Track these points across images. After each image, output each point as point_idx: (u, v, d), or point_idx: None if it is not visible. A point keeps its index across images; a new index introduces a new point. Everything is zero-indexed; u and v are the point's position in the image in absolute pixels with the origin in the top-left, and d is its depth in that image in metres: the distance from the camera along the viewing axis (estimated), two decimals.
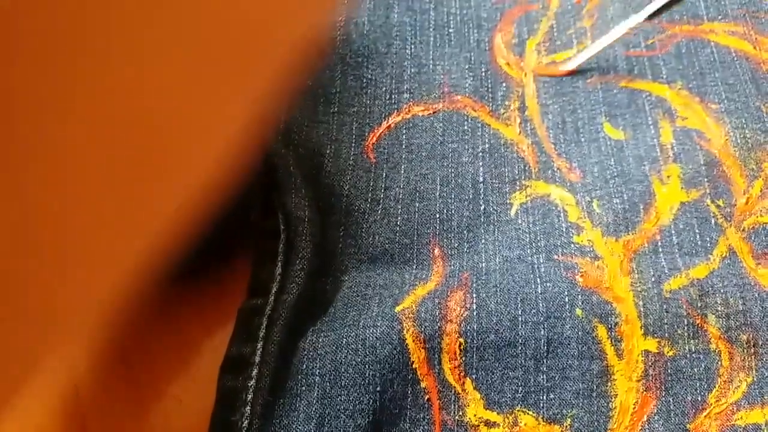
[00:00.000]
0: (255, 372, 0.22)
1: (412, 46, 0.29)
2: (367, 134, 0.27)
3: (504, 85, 0.29)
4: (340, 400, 0.22)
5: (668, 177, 0.26)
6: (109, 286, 0.10)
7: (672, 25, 0.30)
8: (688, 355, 0.23)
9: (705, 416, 0.22)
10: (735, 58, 0.29)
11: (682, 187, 0.26)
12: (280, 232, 0.24)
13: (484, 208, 0.26)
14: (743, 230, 0.25)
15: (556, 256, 0.24)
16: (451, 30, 0.30)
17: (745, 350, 0.23)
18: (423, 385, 0.22)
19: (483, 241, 0.25)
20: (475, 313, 0.23)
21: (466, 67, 0.29)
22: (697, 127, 0.27)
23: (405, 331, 0.23)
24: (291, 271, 0.24)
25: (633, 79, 0.29)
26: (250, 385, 0.22)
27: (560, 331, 0.23)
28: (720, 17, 0.30)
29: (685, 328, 0.23)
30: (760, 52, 0.29)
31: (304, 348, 0.23)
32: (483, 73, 0.29)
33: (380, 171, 0.27)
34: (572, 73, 0.28)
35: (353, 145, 0.27)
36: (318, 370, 0.22)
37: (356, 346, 0.22)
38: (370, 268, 0.25)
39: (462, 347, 0.23)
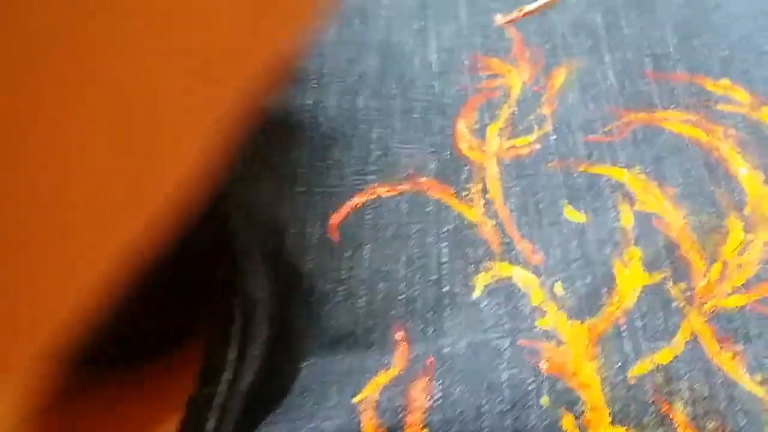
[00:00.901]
0: None
1: (379, 130, 0.30)
2: (331, 214, 0.27)
3: (467, 168, 0.29)
4: None
5: (630, 260, 0.26)
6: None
7: (628, 112, 0.31)
8: None
9: None
10: (689, 145, 0.30)
11: (644, 270, 0.26)
12: (235, 315, 0.24)
13: (448, 290, 0.26)
14: (705, 314, 0.25)
15: (520, 341, 0.24)
16: (416, 116, 0.30)
17: None
18: None
19: (448, 324, 0.25)
20: (439, 403, 0.22)
21: (430, 151, 0.29)
22: (655, 211, 0.28)
23: (364, 423, 0.22)
24: (246, 357, 0.23)
25: (593, 163, 0.29)
26: None
27: (525, 421, 0.22)
28: (673, 106, 0.31)
29: (653, 416, 0.23)
30: (712, 139, 0.30)
31: None
32: (447, 157, 0.29)
33: (344, 251, 0.26)
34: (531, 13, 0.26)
35: (317, 224, 0.27)
36: None
37: None
38: (331, 353, 0.24)
39: None
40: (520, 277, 0.26)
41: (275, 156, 0.29)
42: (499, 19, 0.27)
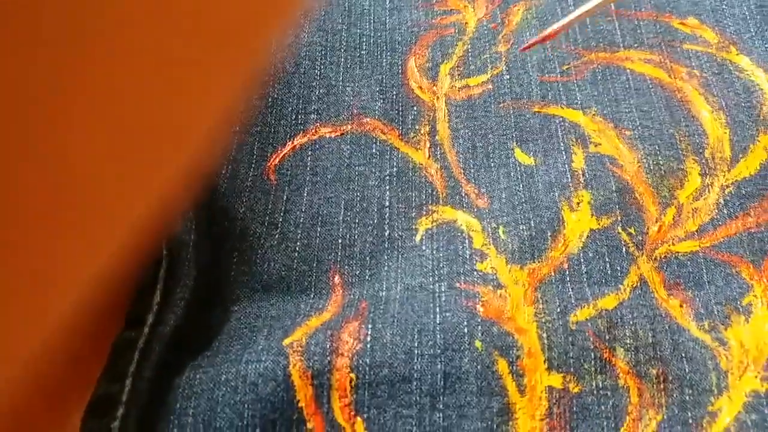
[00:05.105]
0: (120, 412, 0.20)
1: (322, 67, 0.28)
2: (269, 155, 0.26)
3: (415, 108, 0.28)
4: None
5: (578, 204, 0.25)
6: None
7: (588, 51, 0.30)
8: (594, 392, 0.22)
9: None
10: (650, 86, 0.29)
11: (592, 214, 0.25)
12: (161, 257, 0.23)
13: (389, 234, 0.25)
14: (655, 259, 0.24)
15: (458, 284, 0.23)
16: (363, 52, 0.29)
17: (655, 386, 0.22)
18: (309, 426, 0.20)
19: (385, 268, 0.24)
20: (368, 346, 0.21)
21: (377, 89, 0.28)
22: (609, 153, 0.27)
23: (291, 367, 0.21)
24: (171, 300, 0.22)
25: (547, 104, 0.28)
26: (113, 427, 0.20)
27: (458, 364, 0.21)
28: (636, 45, 0.30)
29: (592, 362, 0.22)
30: (675, 80, 0.29)
31: (180, 385, 0.21)
32: (394, 96, 0.28)
33: (280, 193, 0.25)
34: (550, 38, 0.25)
35: (252, 165, 0.26)
36: (191, 410, 0.20)
37: (236, 384, 0.20)
38: (263, 297, 0.23)
39: (353, 383, 0.21)
40: (464, 220, 0.25)
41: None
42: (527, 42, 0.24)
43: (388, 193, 0.25)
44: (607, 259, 0.24)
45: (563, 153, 0.26)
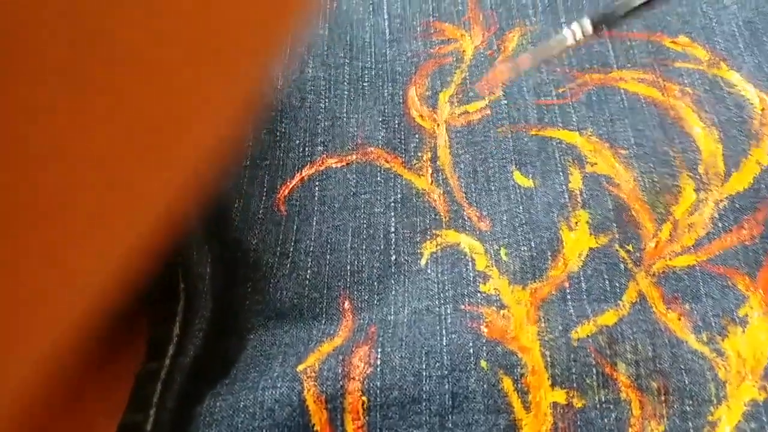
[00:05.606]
0: None
1: (326, 100, 0.29)
2: (278, 187, 0.27)
3: (417, 136, 0.29)
4: None
5: (576, 223, 0.26)
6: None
7: (582, 73, 0.31)
8: (598, 406, 0.22)
9: None
10: (644, 105, 0.30)
11: (590, 233, 0.26)
12: (179, 290, 0.24)
13: (395, 259, 0.26)
14: (653, 275, 0.25)
15: (463, 306, 0.24)
16: (365, 84, 0.30)
17: (656, 398, 0.23)
18: None
19: (393, 292, 0.25)
20: (379, 369, 0.22)
21: (380, 119, 0.29)
22: (606, 173, 0.28)
23: (306, 392, 0.22)
24: (189, 331, 0.23)
25: (544, 127, 0.29)
26: None
27: (465, 384, 0.22)
28: (629, 65, 0.31)
29: (594, 377, 0.23)
30: (668, 98, 0.30)
31: (201, 413, 0.22)
32: (396, 125, 0.29)
33: (291, 224, 0.26)
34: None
35: (264, 198, 0.27)
36: None
37: (254, 410, 0.21)
38: (277, 325, 0.24)
39: (365, 406, 0.22)
40: (467, 243, 0.26)
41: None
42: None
43: (393, 219, 0.27)
44: (606, 276, 0.25)
45: (561, 174, 0.27)
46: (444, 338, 0.23)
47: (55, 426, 0.24)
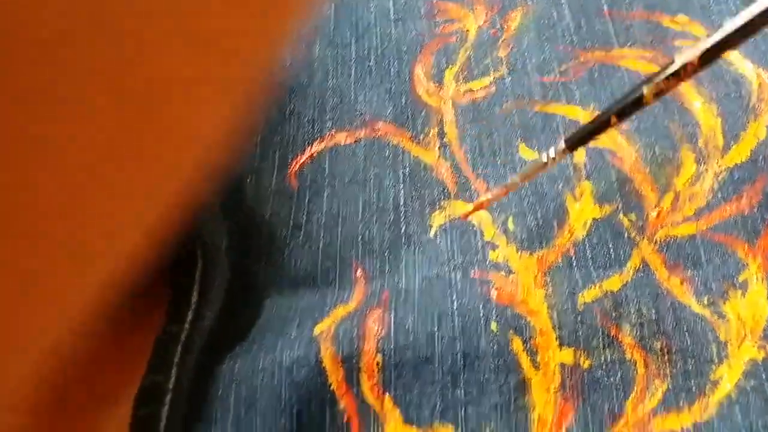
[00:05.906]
0: (168, 398, 0.22)
1: (334, 78, 0.30)
2: (290, 162, 0.28)
3: (423, 112, 0.29)
4: (256, 424, 0.21)
5: (581, 194, 0.27)
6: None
7: (585, 51, 0.31)
8: (604, 366, 0.23)
9: (623, 424, 0.22)
10: None
11: (594, 203, 0.27)
12: (197, 260, 0.24)
13: (405, 230, 0.26)
14: (655, 243, 0.26)
15: (472, 273, 0.25)
16: (371, 62, 0.31)
17: (660, 358, 0.23)
18: (341, 405, 0.22)
19: (404, 261, 0.26)
20: (392, 331, 0.23)
21: (387, 96, 0.30)
22: (609, 147, 0.28)
23: (322, 353, 0.23)
24: (208, 298, 0.24)
25: (548, 103, 0.30)
26: (163, 412, 0.21)
27: (476, 345, 0.23)
28: (630, 43, 0.32)
29: (600, 338, 0.23)
30: None
31: (221, 374, 0.22)
32: (403, 102, 0.30)
33: (302, 197, 0.27)
34: None
35: (275, 172, 0.28)
36: (234, 396, 0.22)
37: (273, 370, 0.22)
38: (292, 292, 0.25)
39: (380, 365, 0.23)
40: (475, 214, 0.27)
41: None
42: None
43: (402, 192, 0.27)
44: (610, 244, 0.26)
45: None
46: (455, 302, 0.24)
47: (74, 392, 0.24)
